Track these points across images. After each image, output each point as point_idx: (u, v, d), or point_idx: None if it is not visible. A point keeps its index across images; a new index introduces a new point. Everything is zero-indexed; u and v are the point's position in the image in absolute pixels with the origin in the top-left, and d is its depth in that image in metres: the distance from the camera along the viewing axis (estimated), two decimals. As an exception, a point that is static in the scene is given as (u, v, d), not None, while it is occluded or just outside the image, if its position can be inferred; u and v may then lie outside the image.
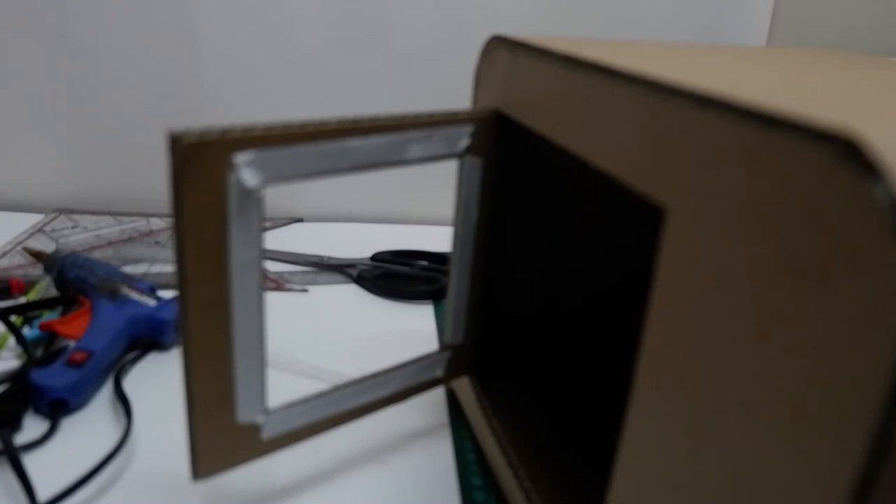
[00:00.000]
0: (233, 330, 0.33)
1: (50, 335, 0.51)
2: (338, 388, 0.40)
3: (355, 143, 0.34)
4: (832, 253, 0.16)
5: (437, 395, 0.50)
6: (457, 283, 0.43)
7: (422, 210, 0.81)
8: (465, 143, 0.38)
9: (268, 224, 0.79)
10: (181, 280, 0.31)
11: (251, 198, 0.31)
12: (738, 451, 0.19)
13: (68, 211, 0.80)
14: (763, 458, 0.18)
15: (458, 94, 0.44)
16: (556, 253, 0.48)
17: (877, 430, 0.15)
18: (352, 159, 0.34)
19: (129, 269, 0.63)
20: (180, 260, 0.30)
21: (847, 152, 0.15)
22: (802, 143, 0.17)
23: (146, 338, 0.52)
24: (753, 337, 0.19)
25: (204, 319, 0.32)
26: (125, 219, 0.78)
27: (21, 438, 0.42)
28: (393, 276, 0.68)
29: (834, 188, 0.16)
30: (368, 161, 0.35)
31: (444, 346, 0.45)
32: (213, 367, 0.33)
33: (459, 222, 0.41)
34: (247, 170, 0.31)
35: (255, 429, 0.36)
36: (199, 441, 0.34)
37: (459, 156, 0.39)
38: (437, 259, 0.70)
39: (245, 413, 0.35)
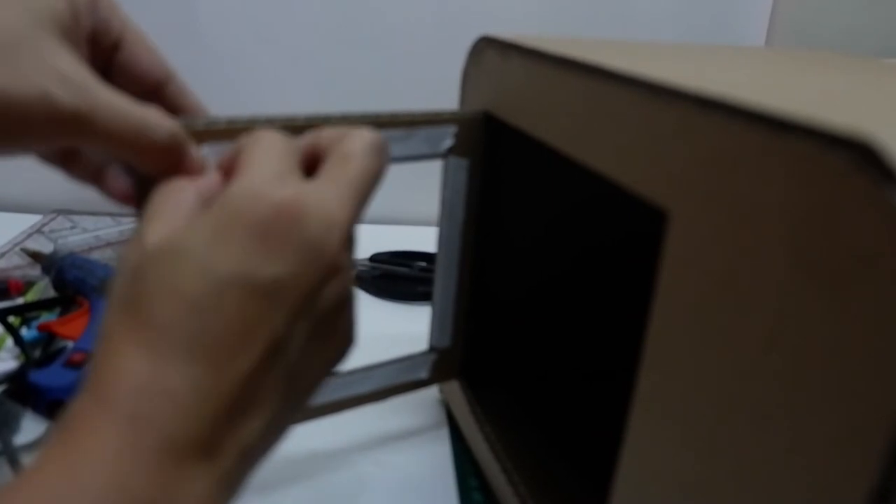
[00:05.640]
0: None
1: (48, 336, 0.51)
2: None
3: None
4: (848, 258, 0.16)
5: (435, 394, 0.50)
6: (442, 287, 0.43)
7: (421, 210, 0.81)
8: (448, 143, 0.38)
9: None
10: None
11: None
12: (747, 462, 0.19)
13: (67, 212, 0.79)
14: (774, 469, 0.18)
15: (457, 95, 0.43)
16: (551, 256, 0.47)
17: (893, 439, 0.15)
18: None
19: (127, 269, 0.62)
20: None
21: (864, 158, 0.15)
22: (816, 148, 0.16)
23: (145, 339, 0.52)
24: (764, 343, 0.18)
25: None
26: (124, 220, 0.78)
27: (20, 439, 0.42)
28: (392, 276, 0.68)
29: (850, 194, 0.15)
30: None
31: (430, 348, 0.45)
32: None
33: (444, 224, 0.41)
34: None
35: None
36: None
37: (443, 156, 0.38)
38: (436, 260, 0.70)
39: None
